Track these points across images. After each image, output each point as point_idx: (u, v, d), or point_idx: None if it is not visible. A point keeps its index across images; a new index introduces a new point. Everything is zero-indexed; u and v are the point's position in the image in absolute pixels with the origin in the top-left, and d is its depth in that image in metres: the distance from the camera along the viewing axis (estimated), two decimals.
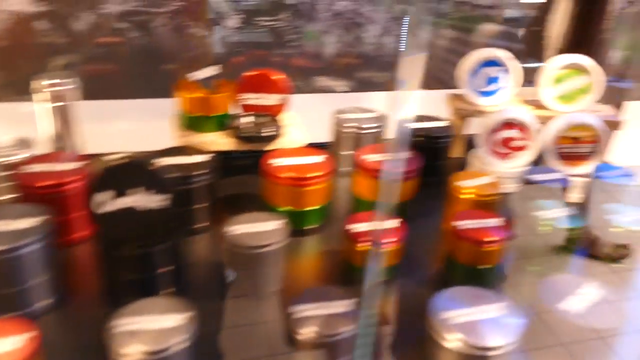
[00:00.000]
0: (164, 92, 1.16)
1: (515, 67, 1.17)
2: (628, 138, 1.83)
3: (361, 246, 0.82)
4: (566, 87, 1.16)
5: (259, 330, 0.72)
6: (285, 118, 1.13)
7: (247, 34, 1.45)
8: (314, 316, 0.66)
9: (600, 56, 1.55)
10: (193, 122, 1.08)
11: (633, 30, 1.45)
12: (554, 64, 1.16)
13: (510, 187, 1.09)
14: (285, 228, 0.80)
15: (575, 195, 1.08)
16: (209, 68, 1.08)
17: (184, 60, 1.11)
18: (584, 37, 1.34)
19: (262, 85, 1.11)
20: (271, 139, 1.06)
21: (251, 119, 1.08)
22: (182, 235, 0.82)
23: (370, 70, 1.59)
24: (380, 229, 0.82)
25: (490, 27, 1.58)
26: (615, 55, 1.68)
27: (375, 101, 1.61)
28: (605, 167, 1.05)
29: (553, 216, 0.87)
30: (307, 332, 0.64)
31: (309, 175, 0.91)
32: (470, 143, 1.22)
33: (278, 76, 1.11)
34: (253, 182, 1.00)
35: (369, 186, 0.96)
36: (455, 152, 1.27)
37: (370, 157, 0.97)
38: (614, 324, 0.72)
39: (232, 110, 1.12)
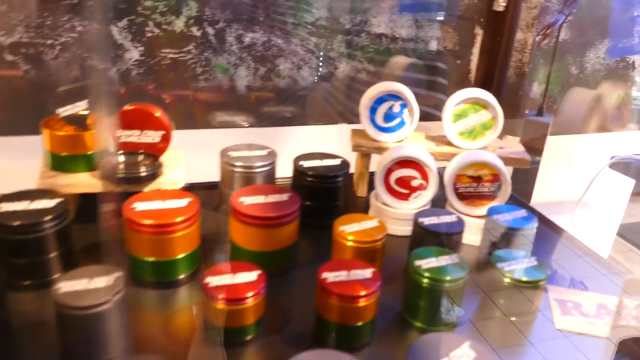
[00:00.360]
0: None
1: (414, 101, 1.11)
2: (545, 174, 1.80)
3: (218, 303, 0.72)
4: (468, 123, 1.11)
5: None
6: (167, 157, 1.04)
7: (149, 66, 1.37)
8: None
9: (516, 90, 1.52)
10: (60, 162, 0.98)
11: (551, 64, 1.42)
12: (455, 99, 1.10)
13: (403, 230, 1.02)
14: (122, 284, 0.70)
15: (473, 238, 1.01)
16: (79, 103, 0.99)
17: (67, 94, 1.02)
18: (494, 70, 1.30)
19: (141, 121, 1.02)
20: (145, 179, 0.97)
21: (124, 158, 0.99)
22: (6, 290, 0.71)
23: (282, 104, 1.52)
24: (235, 282, 0.73)
25: (401, 60, 1.53)
26: (535, 89, 1.65)
27: (281, 137, 1.54)
28: (505, 208, 0.98)
29: (438, 265, 0.79)
30: None
31: (169, 221, 0.82)
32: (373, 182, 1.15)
33: (158, 112, 1.02)
34: (120, 228, 0.90)
35: (243, 232, 0.87)
36: (360, 191, 1.20)
37: (246, 200, 0.88)
38: None
39: (109, 148, 1.02)
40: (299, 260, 0.94)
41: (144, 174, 0.96)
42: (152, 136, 1.03)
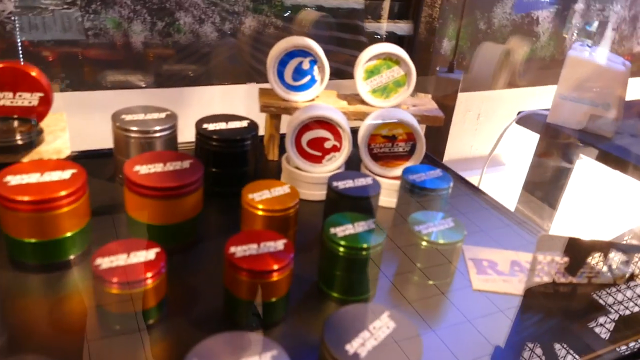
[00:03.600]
0: None
1: (324, 57, 1.04)
2: (456, 131, 1.82)
3: (111, 287, 0.64)
4: (380, 80, 1.06)
5: None
6: (48, 122, 0.92)
7: (27, 20, 1.20)
8: None
9: (427, 46, 1.49)
10: None
11: (461, 19, 1.40)
12: (366, 54, 1.05)
13: (317, 195, 0.96)
14: None
15: (389, 200, 0.97)
16: None
17: None
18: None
19: (13, 81, 0.89)
20: (21, 149, 0.84)
21: None
22: None
23: (184, 62, 1.41)
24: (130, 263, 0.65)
25: (310, 15, 1.45)
26: (445, 45, 1.63)
27: (184, 98, 1.43)
28: (420, 168, 0.95)
29: (355, 232, 0.74)
30: None
31: (49, 196, 0.71)
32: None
33: (34, 71, 0.89)
34: None
35: (140, 205, 0.78)
36: (271, 154, 1.13)
37: (142, 169, 0.79)
38: None
39: None
40: (205, 233, 0.86)
41: (19, 142, 0.84)
42: (27, 99, 0.90)
